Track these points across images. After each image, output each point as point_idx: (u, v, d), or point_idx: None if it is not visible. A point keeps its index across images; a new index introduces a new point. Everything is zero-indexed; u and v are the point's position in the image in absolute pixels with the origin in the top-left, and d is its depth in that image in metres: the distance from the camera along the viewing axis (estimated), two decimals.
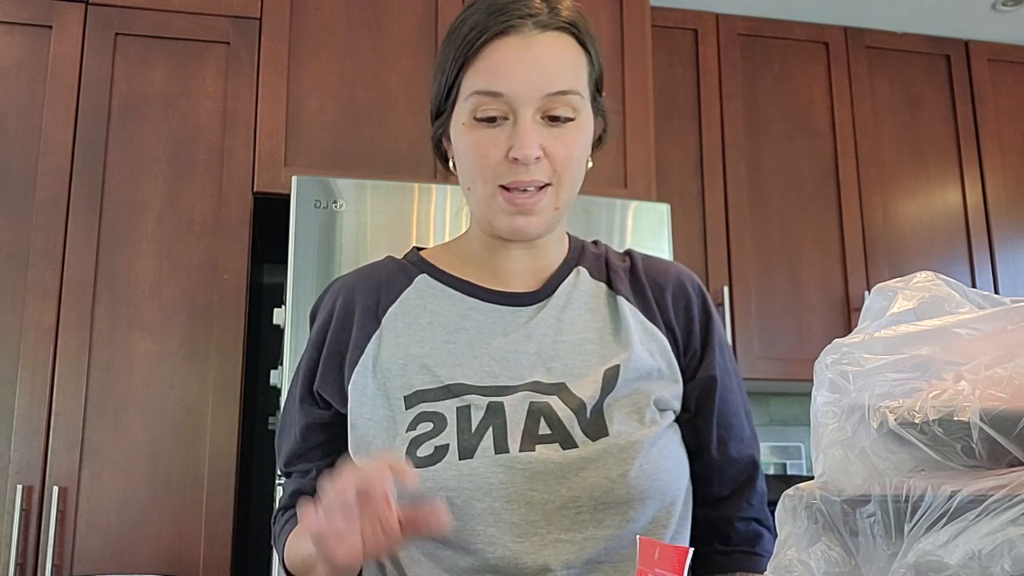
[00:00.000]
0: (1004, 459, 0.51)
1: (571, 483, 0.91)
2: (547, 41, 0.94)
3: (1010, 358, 0.52)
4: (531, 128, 0.93)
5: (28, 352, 2.14)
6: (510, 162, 0.93)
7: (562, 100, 0.94)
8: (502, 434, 0.92)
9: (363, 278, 1.05)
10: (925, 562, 0.50)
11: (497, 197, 0.95)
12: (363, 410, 0.97)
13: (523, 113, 0.93)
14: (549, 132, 0.94)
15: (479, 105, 0.94)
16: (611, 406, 0.95)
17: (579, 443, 0.92)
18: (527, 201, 0.94)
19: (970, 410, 0.51)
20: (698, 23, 3.07)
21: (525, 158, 0.92)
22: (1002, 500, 0.48)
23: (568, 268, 1.04)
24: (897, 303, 0.63)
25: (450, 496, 0.90)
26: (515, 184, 0.94)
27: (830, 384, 0.60)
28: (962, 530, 0.49)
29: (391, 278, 1.04)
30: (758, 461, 1.06)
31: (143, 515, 2.12)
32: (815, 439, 0.62)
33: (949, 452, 0.52)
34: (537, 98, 0.93)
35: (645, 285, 1.04)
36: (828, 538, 0.58)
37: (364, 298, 1.02)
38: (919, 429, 0.53)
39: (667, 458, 0.96)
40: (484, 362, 0.97)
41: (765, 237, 2.97)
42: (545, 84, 0.93)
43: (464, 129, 0.96)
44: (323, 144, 2.36)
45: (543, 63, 0.93)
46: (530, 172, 0.93)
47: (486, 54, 0.93)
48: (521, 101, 0.93)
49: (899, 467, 0.55)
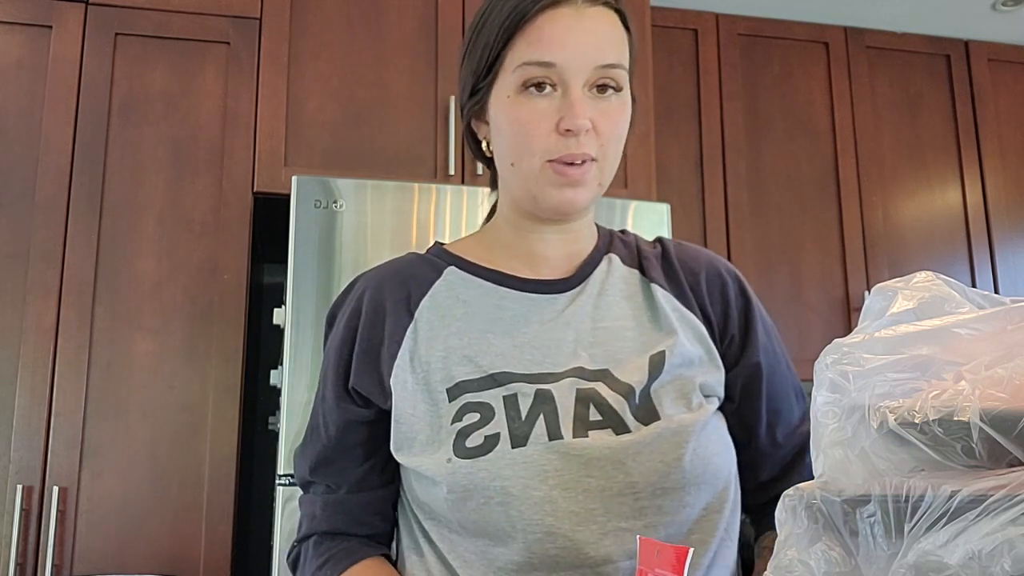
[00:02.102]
0: (1004, 459, 0.51)
1: (628, 468, 0.89)
2: (597, 15, 0.94)
3: (1010, 358, 0.52)
4: (584, 99, 0.92)
5: (28, 352, 2.14)
6: (560, 134, 0.92)
7: (611, 73, 0.94)
8: (554, 421, 0.90)
9: (388, 273, 1.03)
10: (925, 562, 0.50)
11: (546, 170, 0.93)
12: (405, 404, 0.95)
13: (574, 84, 0.92)
14: (596, 105, 0.93)
15: (528, 77, 0.92)
16: (658, 391, 0.93)
17: (631, 428, 0.91)
18: (577, 172, 0.93)
19: (970, 410, 0.51)
20: (698, 23, 3.07)
21: (577, 128, 0.91)
22: (1002, 500, 0.48)
23: (600, 255, 1.03)
24: (897, 303, 0.63)
25: (505, 485, 0.88)
26: (566, 157, 0.92)
27: (830, 384, 0.60)
28: (962, 530, 0.49)
29: (418, 272, 1.02)
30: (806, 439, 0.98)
31: (143, 515, 2.12)
32: (815, 439, 0.62)
33: (949, 452, 0.52)
34: (588, 69, 0.92)
35: (679, 271, 1.03)
36: (828, 538, 0.58)
37: (393, 292, 1.00)
38: (919, 429, 0.53)
39: (718, 443, 0.95)
40: (525, 350, 0.95)
41: (765, 237, 2.97)
42: (598, 55, 0.92)
43: (509, 102, 0.94)
44: (323, 144, 2.36)
45: (595, 35, 0.93)
46: (580, 144, 0.92)
47: (537, 25, 0.92)
48: (572, 72, 0.92)
49: (899, 467, 0.55)
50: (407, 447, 0.95)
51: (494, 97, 0.97)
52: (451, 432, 0.91)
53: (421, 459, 0.93)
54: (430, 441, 0.93)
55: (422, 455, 0.93)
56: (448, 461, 0.90)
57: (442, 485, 0.90)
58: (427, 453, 0.93)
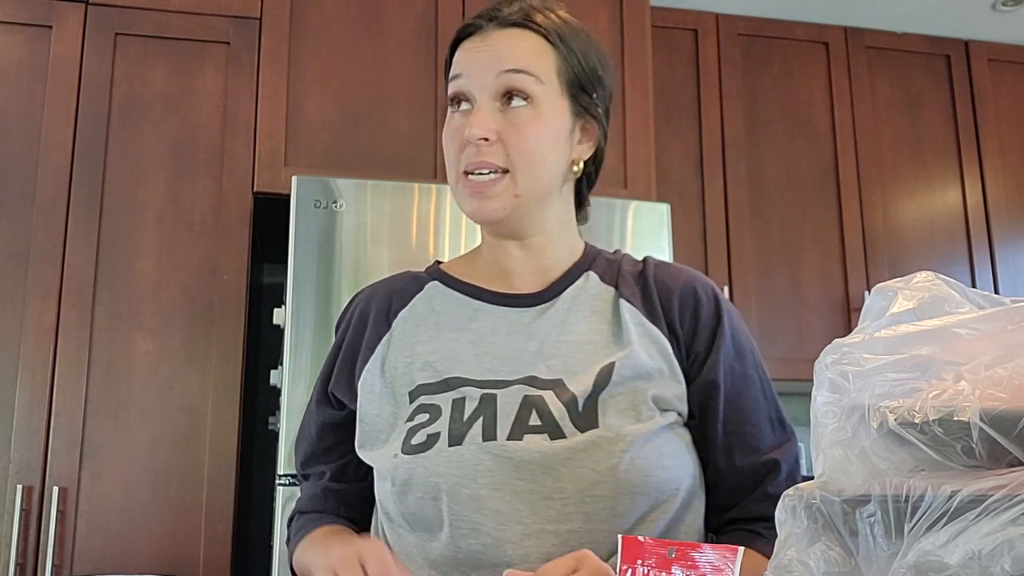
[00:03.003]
0: (1004, 459, 0.51)
1: (558, 473, 0.91)
2: (505, 34, 1.00)
3: (1010, 358, 0.52)
4: (484, 111, 0.98)
5: (28, 352, 2.14)
6: (466, 146, 0.98)
7: (514, 80, 0.98)
8: (492, 423, 0.94)
9: (380, 288, 1.10)
10: (925, 562, 0.50)
11: (461, 181, 0.99)
12: (371, 406, 1.01)
13: (480, 96, 0.99)
14: (504, 117, 0.98)
15: (451, 92, 1.01)
16: (605, 401, 0.95)
17: (567, 434, 0.93)
18: (483, 184, 0.98)
19: (970, 410, 0.51)
20: (698, 23, 3.07)
21: (470, 136, 0.96)
22: (1002, 500, 0.48)
23: (578, 272, 1.05)
24: (897, 303, 0.63)
25: (438, 482, 0.92)
26: (470, 166, 0.98)
27: (830, 384, 0.60)
28: (962, 530, 0.49)
29: (405, 287, 1.08)
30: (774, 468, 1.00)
31: (143, 515, 2.12)
32: (815, 439, 0.62)
33: (949, 452, 0.52)
34: (489, 80, 0.98)
35: (653, 288, 1.04)
36: (828, 538, 0.58)
37: (378, 304, 1.07)
38: (919, 429, 0.53)
39: (664, 456, 0.94)
40: (485, 359, 0.99)
41: (765, 237, 2.97)
42: (496, 63, 0.98)
43: (445, 121, 1.03)
44: (323, 144, 2.36)
45: (497, 48, 0.99)
46: (481, 154, 0.97)
47: (458, 55, 1.03)
48: (476, 83, 0.99)
49: (899, 467, 0.55)
50: (369, 445, 1.01)
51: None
52: (403, 431, 0.97)
53: (376, 455, 1.00)
54: (387, 439, 0.99)
55: (378, 451, 1.00)
56: (394, 456, 0.96)
57: (388, 479, 0.97)
58: (382, 449, 0.99)
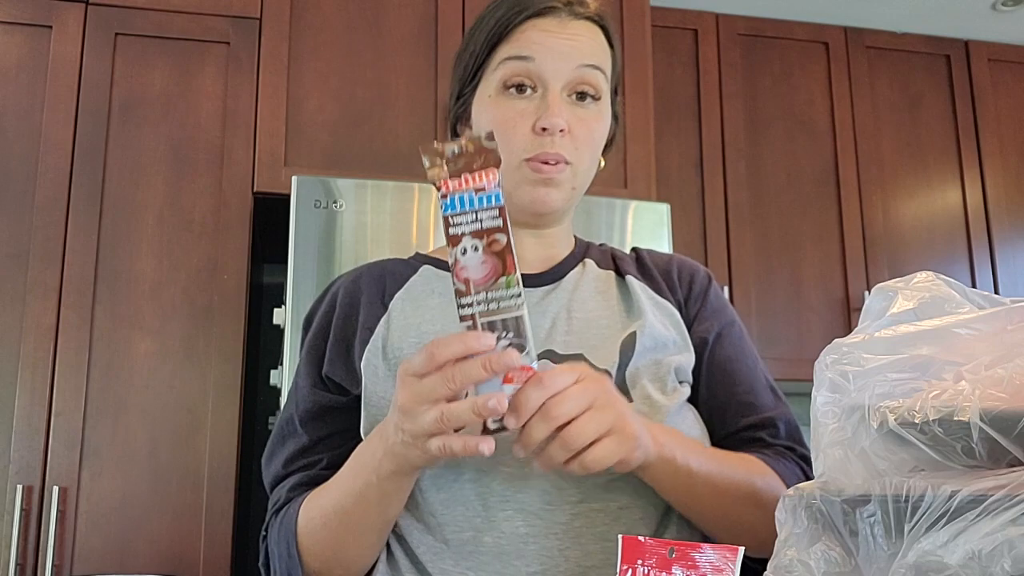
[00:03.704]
0: (1004, 459, 0.51)
1: None
2: (580, 26, 0.98)
3: (1010, 358, 0.52)
4: (561, 101, 0.95)
5: (28, 352, 2.14)
6: (536, 134, 0.95)
7: (591, 76, 0.96)
8: None
9: (364, 272, 1.05)
10: (925, 562, 0.50)
11: (523, 168, 0.95)
12: (376, 388, 0.95)
13: (552, 85, 0.95)
14: (573, 111, 0.96)
15: (509, 74, 0.96)
16: (633, 374, 0.94)
17: None
18: (552, 171, 0.95)
19: (970, 410, 0.51)
20: (698, 23, 3.07)
21: (552, 126, 0.94)
22: (1002, 500, 0.48)
23: (575, 260, 1.05)
24: (897, 303, 0.63)
25: (478, 464, 0.89)
26: (541, 156, 0.95)
27: (830, 384, 0.60)
28: (962, 530, 0.49)
29: (396, 269, 1.04)
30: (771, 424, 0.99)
31: (143, 515, 2.12)
32: (815, 439, 0.62)
33: (949, 452, 0.52)
34: (568, 70, 0.95)
35: (651, 268, 1.05)
36: (828, 538, 0.58)
37: (368, 287, 1.02)
38: (919, 429, 0.53)
39: (691, 429, 0.95)
40: None
41: (765, 237, 2.97)
42: (577, 56, 0.96)
43: (490, 101, 0.97)
44: (323, 144, 2.36)
45: (576, 40, 0.96)
46: (555, 144, 0.95)
47: (522, 29, 0.96)
48: (551, 71, 0.95)
49: (899, 467, 0.55)
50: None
51: (477, 98, 1.00)
52: None
53: None
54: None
55: None
56: None
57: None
58: None
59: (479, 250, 0.73)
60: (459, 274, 0.73)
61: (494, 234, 0.73)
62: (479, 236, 0.73)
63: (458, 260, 0.73)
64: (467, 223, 0.73)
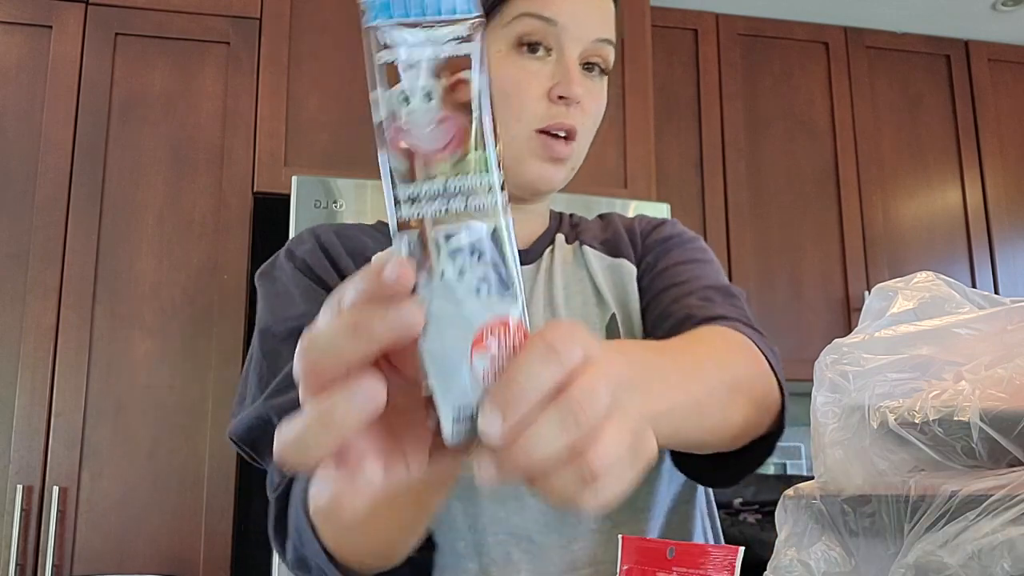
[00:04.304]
0: (1004, 459, 0.51)
1: None
2: None
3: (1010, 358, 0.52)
4: (578, 70, 0.88)
5: (28, 352, 2.14)
6: (552, 102, 0.87)
7: (604, 50, 0.90)
8: None
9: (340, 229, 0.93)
10: (925, 562, 0.50)
11: (534, 140, 0.87)
12: None
13: (570, 51, 0.87)
14: (583, 82, 0.89)
15: (527, 31, 0.86)
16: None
17: None
18: (563, 149, 0.88)
19: (970, 410, 0.51)
20: (698, 23, 3.06)
21: (574, 96, 0.86)
22: (1002, 500, 0.48)
23: (549, 236, 0.99)
24: (897, 303, 0.63)
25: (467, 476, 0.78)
26: (555, 126, 0.87)
27: (830, 384, 0.60)
28: (962, 530, 0.49)
29: (372, 234, 0.93)
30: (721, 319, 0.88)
31: (143, 515, 2.12)
32: (815, 439, 0.62)
33: (949, 452, 0.52)
34: (587, 40, 0.88)
35: (615, 222, 1.01)
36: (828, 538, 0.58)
37: (347, 243, 0.90)
38: (919, 429, 0.53)
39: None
40: None
41: (765, 237, 2.97)
42: (598, 28, 0.89)
43: (500, 57, 0.86)
44: (323, 144, 2.36)
45: (600, 11, 0.90)
46: (570, 116, 0.87)
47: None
48: (572, 37, 0.87)
49: (899, 467, 0.55)
50: None
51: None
52: None
53: None
54: None
55: None
56: None
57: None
58: None
59: (432, 98, 0.42)
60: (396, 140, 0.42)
61: (460, 70, 0.42)
62: (435, 72, 0.43)
63: (395, 113, 0.43)
64: (413, 44, 0.43)
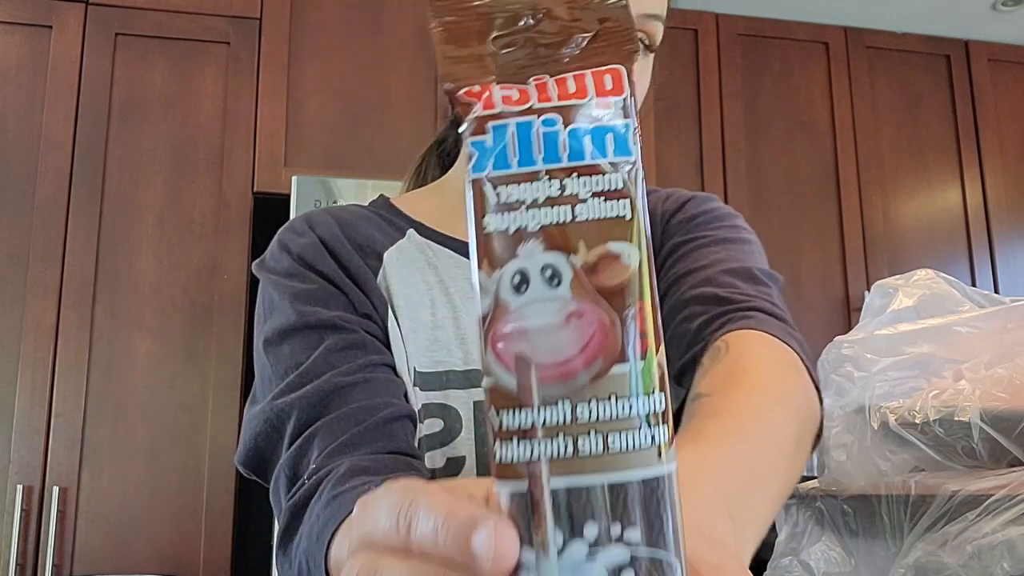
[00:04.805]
0: (1004, 459, 0.50)
1: None
2: None
3: (1010, 357, 0.52)
4: None
5: (28, 352, 2.14)
6: None
7: (650, 26, 0.81)
8: None
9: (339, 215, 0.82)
10: (925, 562, 0.50)
11: None
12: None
13: None
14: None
15: None
16: None
17: None
18: None
19: (971, 410, 0.51)
20: (698, 23, 3.06)
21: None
22: (1002, 500, 0.48)
23: None
24: (897, 300, 0.63)
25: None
26: None
27: (836, 387, 0.60)
28: (962, 530, 0.49)
29: (378, 222, 0.82)
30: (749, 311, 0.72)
31: (143, 515, 2.12)
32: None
33: (949, 452, 0.52)
34: (641, 15, 0.79)
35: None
36: (828, 538, 0.58)
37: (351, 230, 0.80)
38: (919, 429, 0.53)
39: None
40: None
41: (765, 237, 2.94)
42: (645, 1, 0.79)
43: None
44: (323, 144, 2.36)
45: None
46: None
47: None
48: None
49: (899, 467, 0.55)
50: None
51: None
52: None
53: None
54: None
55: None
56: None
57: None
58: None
59: (561, 282, 0.30)
60: (502, 342, 0.30)
61: (607, 241, 0.30)
62: (568, 244, 0.30)
63: (504, 304, 0.30)
64: (537, 204, 0.30)
